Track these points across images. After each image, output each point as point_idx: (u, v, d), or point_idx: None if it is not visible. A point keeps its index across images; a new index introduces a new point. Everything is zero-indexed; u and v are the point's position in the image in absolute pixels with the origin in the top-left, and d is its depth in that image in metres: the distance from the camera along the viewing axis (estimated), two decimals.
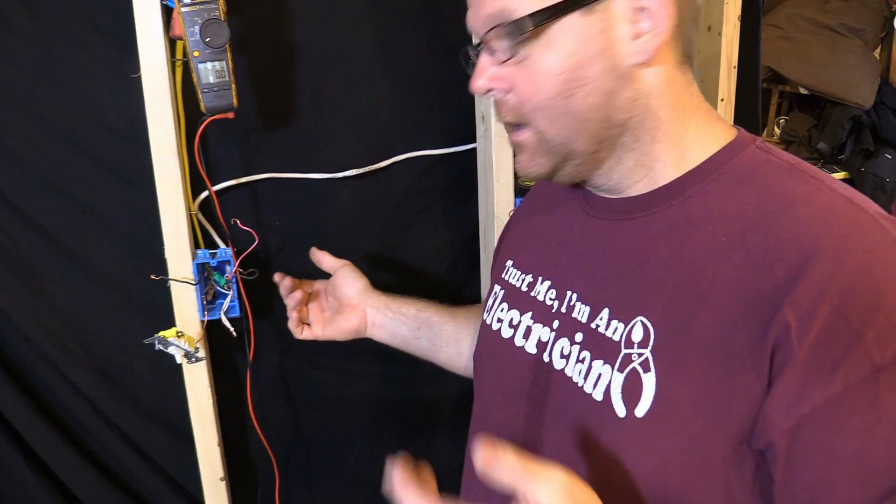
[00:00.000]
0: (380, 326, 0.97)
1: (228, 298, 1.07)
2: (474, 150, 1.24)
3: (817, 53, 3.00)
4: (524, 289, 0.74)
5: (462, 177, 1.26)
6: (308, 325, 1.00)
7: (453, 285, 1.33)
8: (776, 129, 3.27)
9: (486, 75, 0.62)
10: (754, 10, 1.39)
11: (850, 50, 3.01)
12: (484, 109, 1.18)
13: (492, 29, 0.60)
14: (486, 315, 0.79)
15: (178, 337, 1.04)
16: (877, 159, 3.05)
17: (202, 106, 0.94)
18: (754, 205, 0.57)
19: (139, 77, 0.96)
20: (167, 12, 0.94)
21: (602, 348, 0.62)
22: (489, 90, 0.63)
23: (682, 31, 0.61)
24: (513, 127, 0.65)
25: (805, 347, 0.50)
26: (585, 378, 0.62)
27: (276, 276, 1.00)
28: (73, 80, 1.02)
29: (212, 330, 1.11)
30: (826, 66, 2.98)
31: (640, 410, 0.57)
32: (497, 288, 0.79)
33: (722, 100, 1.35)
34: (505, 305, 0.76)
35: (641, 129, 0.62)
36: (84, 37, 1.00)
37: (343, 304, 0.99)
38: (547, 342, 0.68)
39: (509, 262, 0.79)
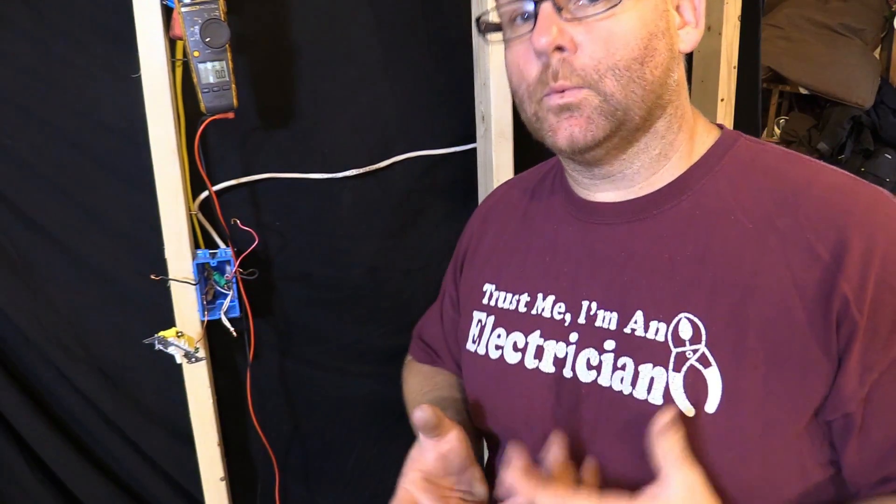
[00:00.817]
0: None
1: (228, 298, 1.07)
2: (474, 150, 1.24)
3: (817, 53, 3.00)
4: (522, 309, 0.71)
5: (462, 177, 1.26)
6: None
7: None
8: (776, 129, 3.27)
9: (556, 29, 0.58)
10: (754, 10, 1.39)
11: (850, 50, 3.01)
12: (484, 109, 1.18)
13: None
14: (474, 346, 0.74)
15: (178, 337, 1.04)
16: (877, 159, 3.05)
17: (202, 106, 0.94)
18: (770, 190, 0.59)
19: (139, 77, 0.96)
20: (167, 12, 0.94)
21: (645, 351, 0.60)
22: (557, 48, 0.59)
23: None
24: (561, 92, 0.60)
25: (865, 317, 0.53)
26: (634, 384, 0.60)
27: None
28: (73, 80, 1.02)
29: (212, 330, 1.11)
30: (826, 66, 2.98)
31: (711, 406, 0.56)
32: (481, 315, 0.74)
33: (722, 100, 1.35)
34: (501, 331, 0.71)
35: (674, 117, 0.63)
36: (84, 37, 1.00)
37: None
38: (565, 357, 0.65)
39: (490, 287, 0.75)
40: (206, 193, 1.06)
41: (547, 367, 0.66)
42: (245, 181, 1.11)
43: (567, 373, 0.65)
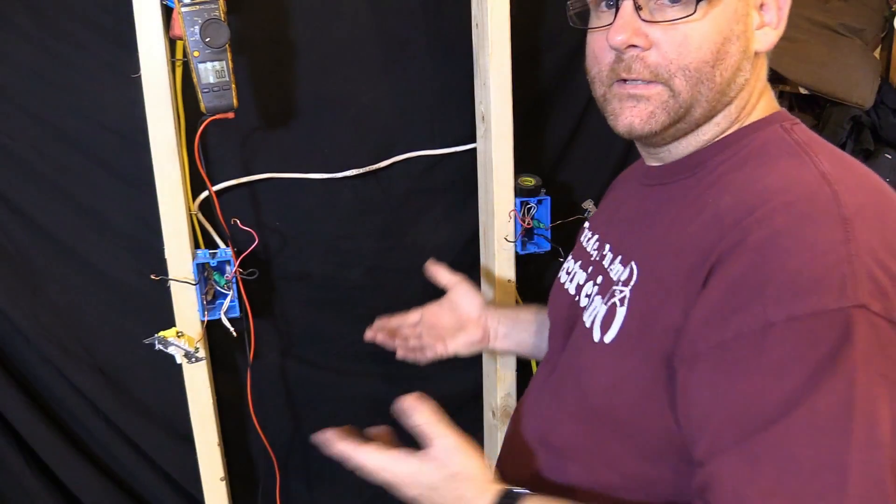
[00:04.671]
0: (504, 337, 1.01)
1: (228, 298, 1.07)
2: (474, 150, 1.24)
3: (817, 53, 2.99)
4: (584, 243, 0.85)
5: (462, 177, 1.26)
6: (420, 349, 1.02)
7: None
8: None
9: (633, 29, 0.63)
10: None
11: (850, 50, 3.01)
12: (484, 109, 1.18)
13: None
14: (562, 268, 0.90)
15: (178, 337, 1.04)
16: (877, 159, 3.04)
17: (202, 106, 0.94)
18: (744, 175, 0.62)
19: (139, 77, 0.96)
20: (167, 12, 0.94)
21: (605, 286, 0.72)
22: (631, 46, 0.64)
23: None
24: (633, 82, 0.66)
25: (716, 291, 0.55)
26: (588, 311, 0.72)
27: (369, 334, 1.04)
28: (73, 80, 1.02)
29: (212, 330, 1.11)
30: (826, 66, 2.98)
31: (608, 337, 0.66)
32: (575, 244, 0.91)
33: None
34: (570, 258, 0.87)
35: (735, 108, 0.67)
36: (84, 37, 1.00)
37: (464, 320, 1.01)
38: (582, 285, 0.78)
39: (587, 225, 0.89)
40: (206, 193, 1.06)
41: (572, 290, 0.80)
42: (245, 181, 1.11)
43: (577, 297, 0.78)
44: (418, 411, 0.68)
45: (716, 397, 0.54)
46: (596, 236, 0.82)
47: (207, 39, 0.91)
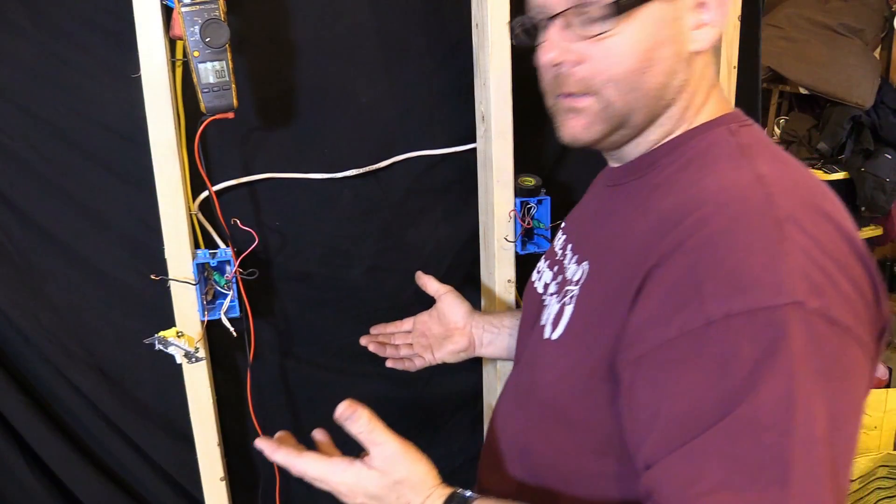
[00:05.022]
0: (489, 344, 1.04)
1: (228, 298, 1.07)
2: (474, 150, 1.24)
3: (817, 53, 2.99)
4: (555, 243, 0.88)
5: (462, 177, 1.26)
6: (409, 359, 1.06)
7: (453, 285, 1.33)
8: (776, 129, 3.27)
9: (560, 48, 0.67)
10: (754, 10, 1.39)
11: (850, 50, 3.01)
12: (484, 109, 1.18)
13: (580, 6, 0.65)
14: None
15: (178, 337, 1.04)
16: (877, 159, 3.05)
17: (202, 106, 0.94)
18: (686, 177, 0.64)
19: (139, 77, 0.96)
20: (167, 12, 0.94)
21: (561, 285, 0.75)
22: (559, 63, 0.68)
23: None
24: (570, 95, 0.69)
25: (655, 293, 0.57)
26: (547, 309, 0.76)
27: (363, 341, 1.09)
28: (73, 80, 1.01)
29: (212, 330, 1.11)
30: (826, 66, 2.98)
31: (556, 334, 0.70)
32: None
33: None
34: (543, 257, 0.91)
35: (677, 109, 0.68)
36: (84, 37, 1.00)
37: (450, 329, 1.04)
38: (548, 284, 0.81)
39: (562, 225, 0.92)
40: (206, 193, 1.06)
41: (540, 288, 0.83)
42: (245, 181, 1.11)
43: (543, 296, 0.80)
44: (355, 419, 0.68)
45: (661, 398, 0.55)
46: (564, 236, 0.85)
47: (207, 39, 0.91)
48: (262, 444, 0.71)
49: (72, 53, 1.00)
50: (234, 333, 1.11)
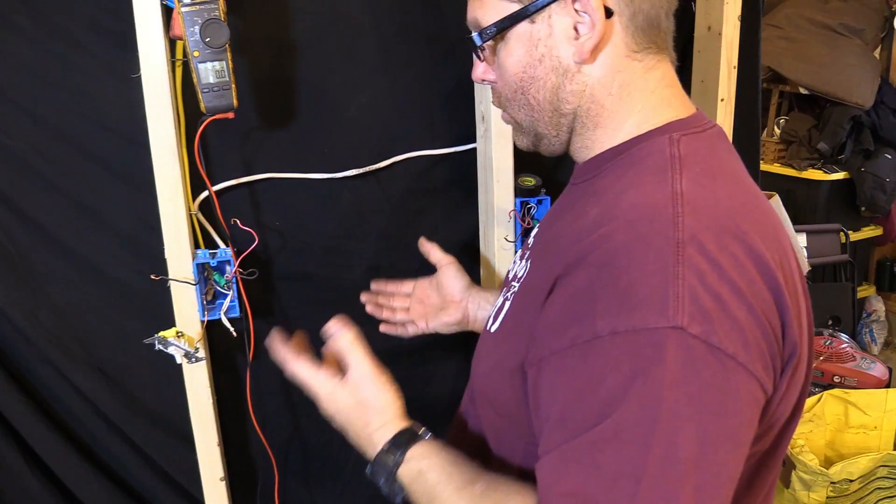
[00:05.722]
0: (483, 320, 1.02)
1: (228, 298, 1.07)
2: (474, 150, 1.24)
3: (817, 53, 3.00)
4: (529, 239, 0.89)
5: (462, 177, 1.26)
6: (403, 325, 1.07)
7: None
8: (776, 129, 3.27)
9: (479, 69, 0.74)
10: (754, 10, 1.39)
11: (850, 50, 3.01)
12: (484, 109, 1.18)
13: (470, 34, 0.70)
14: None
15: (178, 337, 1.04)
16: (877, 159, 3.05)
17: (202, 106, 0.94)
18: (618, 186, 0.64)
19: (139, 77, 0.96)
20: (167, 12, 0.94)
21: (509, 281, 0.78)
22: (482, 80, 0.74)
23: (639, 24, 0.66)
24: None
25: (559, 300, 0.60)
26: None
27: (364, 297, 1.09)
28: (73, 80, 1.02)
29: (212, 330, 1.11)
30: (826, 66, 2.98)
31: (494, 327, 0.74)
32: None
33: (722, 100, 1.35)
34: (517, 253, 0.92)
35: (587, 117, 0.69)
36: (84, 37, 1.00)
37: (447, 301, 1.04)
38: (510, 280, 0.81)
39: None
40: (206, 193, 1.06)
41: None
42: (245, 181, 1.11)
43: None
44: (339, 336, 0.75)
45: (552, 402, 0.58)
46: (534, 232, 0.87)
47: (207, 39, 0.91)
48: (275, 334, 0.78)
49: (72, 53, 1.00)
50: (234, 333, 1.11)
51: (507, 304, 0.73)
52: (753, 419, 0.57)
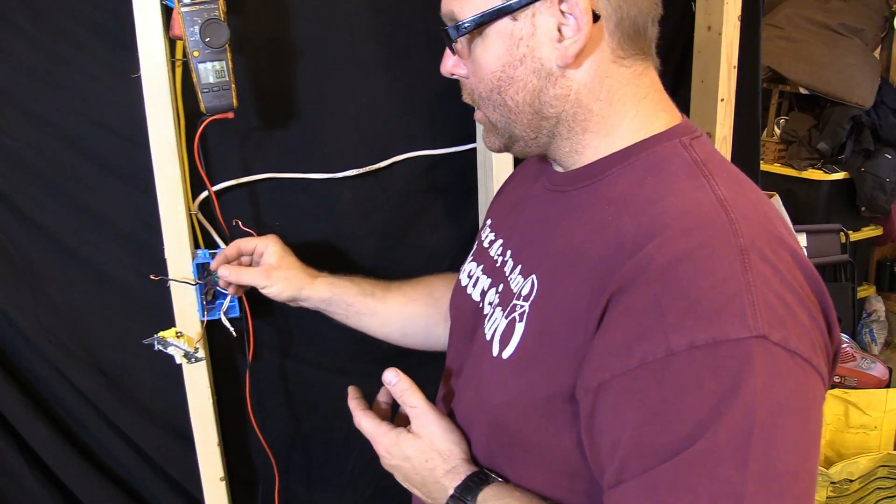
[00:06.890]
0: (312, 289, 1.02)
1: (228, 298, 1.07)
2: (474, 150, 1.24)
3: (817, 53, 3.00)
4: (486, 245, 0.85)
5: (462, 177, 1.26)
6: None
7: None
8: (776, 129, 3.27)
9: (449, 62, 0.71)
10: (754, 10, 1.39)
11: (850, 50, 3.01)
12: None
13: (445, 27, 0.67)
14: (461, 269, 0.91)
15: (178, 337, 1.04)
16: (877, 159, 3.05)
17: (202, 106, 0.94)
18: (644, 193, 0.61)
19: (139, 77, 0.96)
20: (167, 12, 0.94)
21: (506, 298, 0.72)
22: (452, 74, 0.72)
23: (625, 30, 0.64)
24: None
25: (618, 320, 0.56)
26: (489, 321, 0.73)
27: (213, 265, 1.01)
28: (73, 80, 1.01)
29: (212, 330, 1.11)
30: (826, 66, 2.98)
31: (507, 353, 0.66)
32: (475, 244, 0.91)
33: (722, 100, 1.35)
34: (471, 258, 0.88)
35: (573, 122, 0.67)
36: (84, 37, 1.00)
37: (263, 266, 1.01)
38: (486, 292, 0.79)
39: (489, 221, 0.89)
40: (206, 193, 1.06)
41: (476, 296, 0.81)
42: (245, 181, 1.11)
43: (481, 304, 0.78)
44: (398, 384, 0.74)
45: (621, 427, 0.54)
46: (500, 240, 0.82)
47: (207, 39, 0.91)
48: (354, 394, 0.81)
49: (72, 53, 1.00)
50: (234, 333, 1.11)
51: (520, 326, 0.66)
52: (823, 419, 0.57)
